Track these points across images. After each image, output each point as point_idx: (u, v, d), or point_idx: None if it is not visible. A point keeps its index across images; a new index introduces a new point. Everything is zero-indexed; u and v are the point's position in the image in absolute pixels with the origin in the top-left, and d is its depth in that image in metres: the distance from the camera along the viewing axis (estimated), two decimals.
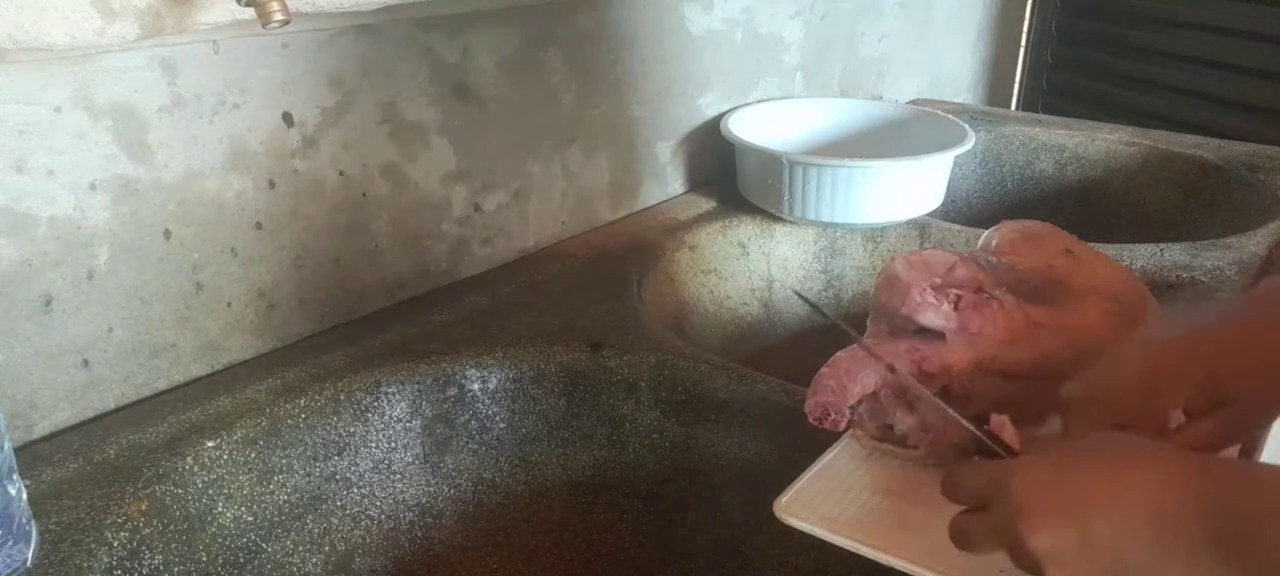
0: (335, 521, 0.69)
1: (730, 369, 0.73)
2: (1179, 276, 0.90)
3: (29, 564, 0.50)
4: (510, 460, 0.76)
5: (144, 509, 0.58)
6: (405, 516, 0.73)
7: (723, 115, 1.13)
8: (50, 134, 0.60)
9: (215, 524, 0.62)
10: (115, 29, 0.56)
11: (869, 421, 0.58)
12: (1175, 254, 0.93)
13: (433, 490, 0.74)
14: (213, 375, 0.72)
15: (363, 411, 0.71)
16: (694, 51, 1.08)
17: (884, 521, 0.53)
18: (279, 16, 0.55)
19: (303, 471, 0.67)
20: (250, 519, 0.64)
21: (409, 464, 0.73)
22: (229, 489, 0.63)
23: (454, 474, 0.75)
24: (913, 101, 1.57)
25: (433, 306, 0.83)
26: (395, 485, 0.72)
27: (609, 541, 0.77)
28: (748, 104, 1.18)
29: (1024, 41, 1.85)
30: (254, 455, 0.65)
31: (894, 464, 0.57)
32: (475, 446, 0.75)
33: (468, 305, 0.84)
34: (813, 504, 0.54)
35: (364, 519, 0.71)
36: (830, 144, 1.20)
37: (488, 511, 0.76)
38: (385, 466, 0.72)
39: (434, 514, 0.74)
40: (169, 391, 0.70)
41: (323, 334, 0.78)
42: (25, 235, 0.60)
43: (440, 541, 0.75)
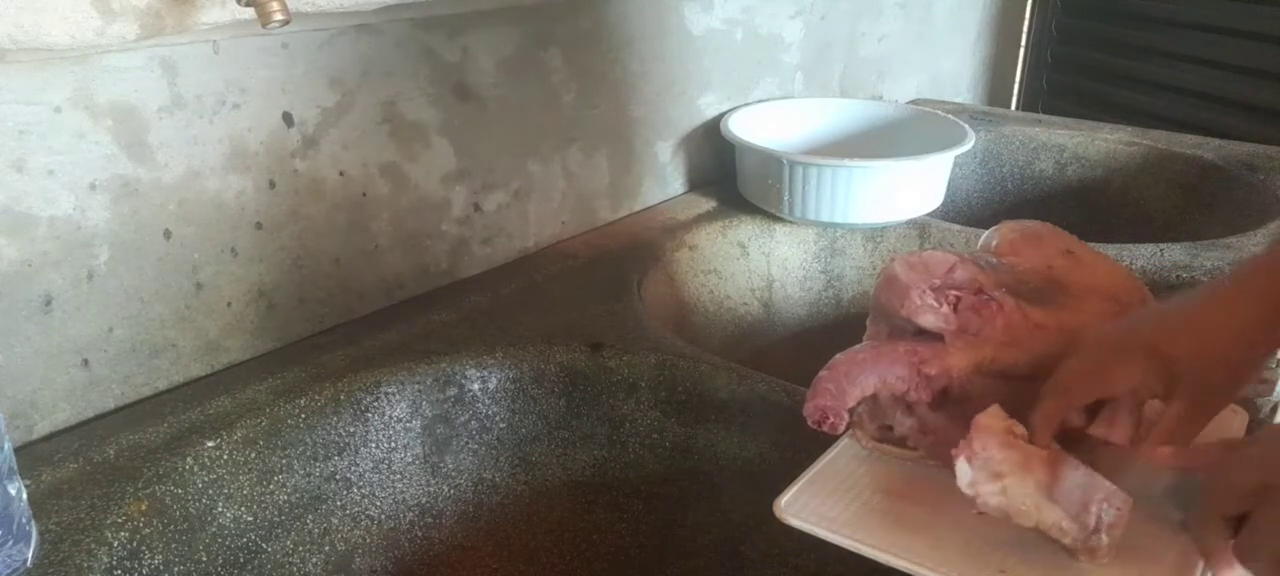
0: (335, 521, 0.69)
1: (730, 369, 0.73)
2: (1179, 276, 0.90)
3: (29, 564, 0.50)
4: (510, 460, 0.76)
5: (144, 509, 0.58)
6: (405, 516, 0.73)
7: (723, 115, 1.13)
8: (50, 134, 0.60)
9: (215, 524, 0.62)
10: (115, 29, 0.56)
11: (868, 422, 0.58)
12: (1175, 254, 0.93)
13: (433, 490, 0.74)
14: (213, 375, 0.72)
15: (363, 411, 0.71)
16: (694, 51, 1.08)
17: (884, 521, 0.53)
18: (279, 16, 0.55)
19: (303, 471, 0.67)
20: (250, 519, 0.64)
21: (409, 464, 0.73)
22: (229, 489, 0.63)
23: (454, 474, 0.75)
24: (913, 101, 1.57)
25: (433, 306, 0.83)
26: (395, 485, 0.72)
27: (609, 541, 0.77)
28: (748, 104, 1.18)
29: (1024, 41, 1.84)
30: (254, 455, 0.65)
31: (894, 464, 0.58)
32: (475, 446, 0.75)
33: (468, 305, 0.84)
34: (813, 504, 0.54)
35: (364, 519, 0.71)
36: (830, 144, 1.20)
37: (488, 511, 0.76)
38: (385, 466, 0.72)
39: (434, 514, 0.74)
40: (169, 391, 0.70)
41: (323, 334, 0.78)
42: (25, 235, 0.60)
43: (440, 541, 0.75)
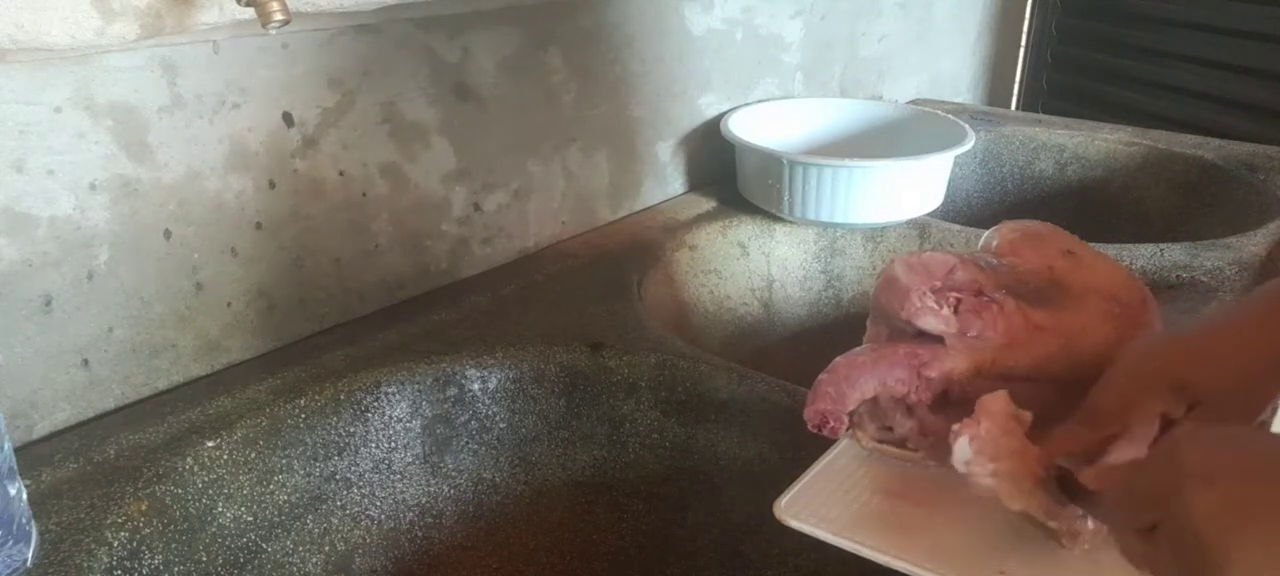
0: (335, 521, 0.69)
1: (730, 369, 0.73)
2: (1179, 276, 0.90)
3: (29, 564, 0.50)
4: (510, 460, 0.76)
5: (144, 509, 0.58)
6: (405, 516, 0.73)
7: (723, 115, 1.13)
8: (50, 134, 0.60)
9: (215, 524, 0.62)
10: (115, 29, 0.56)
11: (869, 423, 0.58)
12: (1175, 254, 0.93)
13: (433, 490, 0.74)
14: (213, 375, 0.72)
15: (363, 411, 0.71)
16: (694, 51, 1.08)
17: (884, 522, 0.53)
18: (279, 16, 0.55)
19: (303, 471, 0.67)
20: (250, 519, 0.64)
21: (409, 464, 0.73)
22: (229, 489, 0.63)
23: (454, 474, 0.75)
24: (913, 101, 1.57)
25: (433, 306, 0.83)
26: (395, 485, 0.72)
27: (609, 541, 0.77)
28: (748, 104, 1.18)
29: (1024, 41, 1.84)
30: (254, 455, 0.65)
31: (894, 465, 0.58)
32: (475, 446, 0.75)
33: (468, 305, 0.84)
34: (813, 505, 0.54)
35: (364, 519, 0.71)
36: (830, 144, 1.20)
37: (488, 511, 0.76)
38: (385, 466, 0.72)
39: (434, 514, 0.74)
40: (169, 391, 0.70)
41: (323, 334, 0.78)
42: (25, 235, 0.60)
43: (440, 541, 0.75)
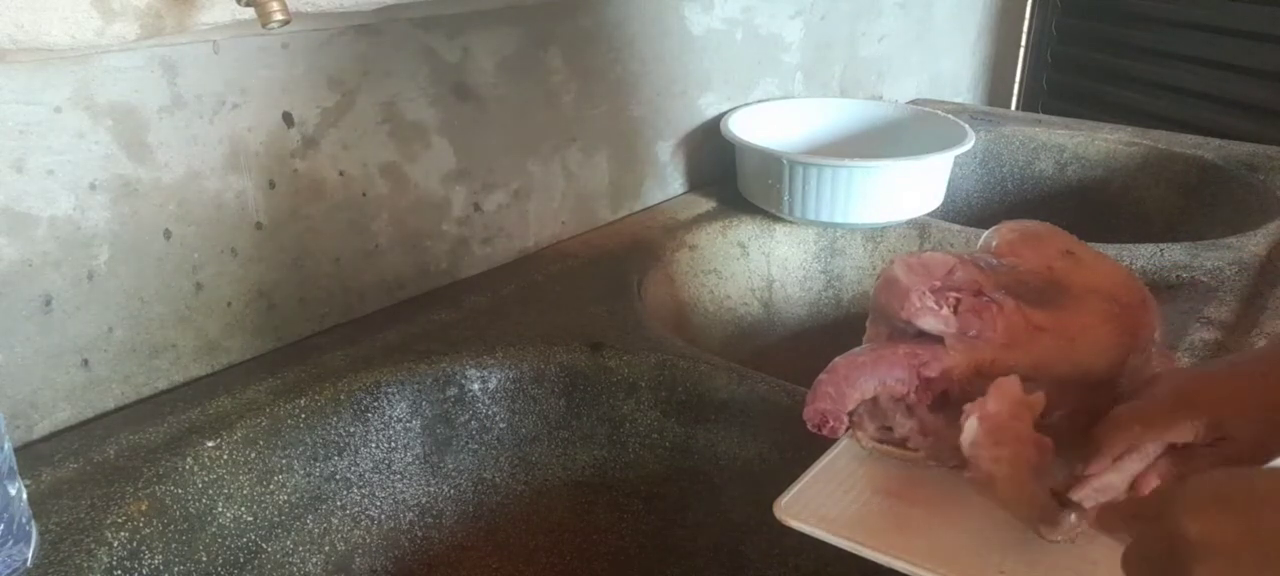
0: (335, 521, 0.69)
1: (730, 369, 0.73)
2: (1179, 276, 0.90)
3: (29, 564, 0.50)
4: (510, 460, 0.76)
5: (144, 509, 0.58)
6: (405, 516, 0.73)
7: (723, 115, 1.13)
8: (50, 134, 0.60)
9: (215, 524, 0.62)
10: (115, 29, 0.56)
11: (869, 422, 0.58)
12: (1175, 254, 0.93)
13: (433, 490, 0.74)
14: (213, 375, 0.72)
15: (363, 411, 0.71)
16: (694, 51, 1.08)
17: (884, 522, 0.53)
18: (279, 16, 0.55)
19: (303, 471, 0.67)
20: (250, 519, 0.64)
21: (409, 464, 0.73)
22: (229, 489, 0.63)
23: (454, 474, 0.75)
24: (913, 101, 1.57)
25: (433, 306, 0.83)
26: (395, 485, 0.72)
27: (609, 541, 0.77)
28: (748, 104, 1.18)
29: (1024, 41, 1.84)
30: (254, 455, 0.65)
31: (894, 465, 0.58)
32: (475, 446, 0.75)
33: (468, 305, 0.84)
34: (813, 505, 0.54)
35: (364, 519, 0.71)
36: (830, 144, 1.20)
37: (488, 511, 0.76)
38: (385, 466, 0.72)
39: (434, 514, 0.74)
40: (169, 391, 0.70)
41: (323, 334, 0.78)
42: (25, 235, 0.60)
43: (440, 541, 0.75)
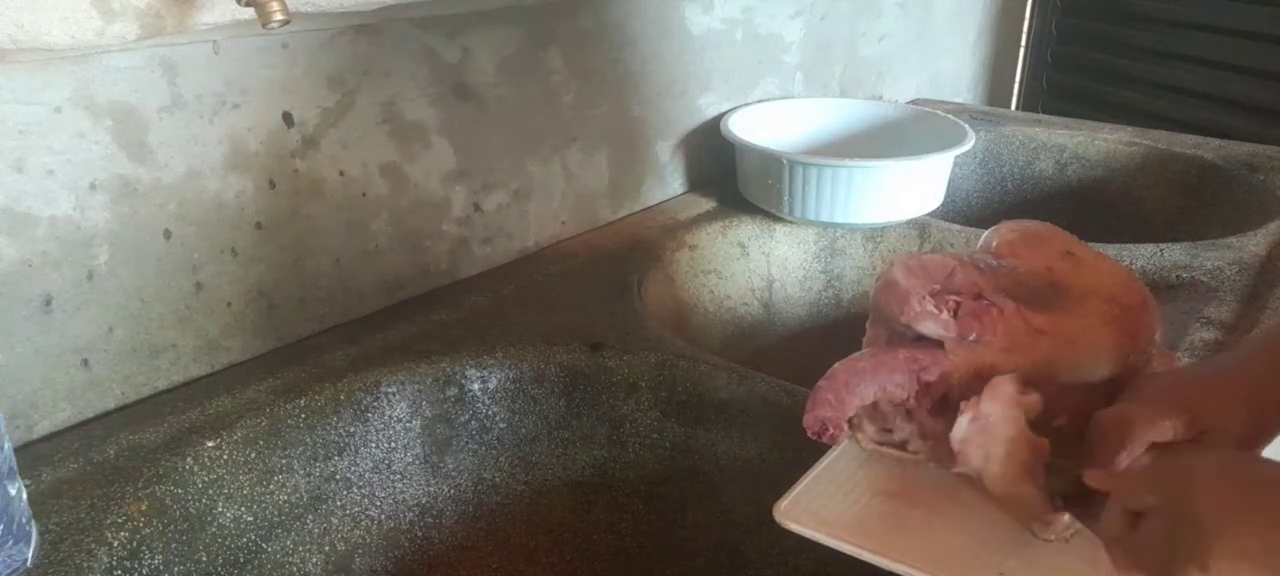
0: (335, 521, 0.69)
1: (730, 369, 0.73)
2: (1179, 276, 0.90)
3: (29, 564, 0.50)
4: (510, 460, 0.76)
5: (144, 509, 0.58)
6: (405, 516, 0.73)
7: (723, 115, 1.13)
8: (50, 134, 0.60)
9: (215, 524, 0.62)
10: (115, 29, 0.56)
11: (869, 424, 0.58)
12: (1175, 254, 0.93)
13: (433, 490, 0.74)
14: (213, 375, 0.72)
15: (363, 411, 0.71)
16: (694, 51, 1.08)
17: (883, 525, 0.53)
18: (279, 16, 0.55)
19: (303, 471, 0.67)
20: (250, 519, 0.64)
21: (409, 464, 0.73)
22: (229, 489, 0.63)
23: (454, 474, 0.75)
24: (913, 101, 1.57)
25: (433, 306, 0.83)
26: (395, 485, 0.72)
27: (609, 541, 0.77)
28: (748, 104, 1.18)
29: (1024, 41, 1.84)
30: (254, 455, 0.65)
31: (894, 467, 0.57)
32: (475, 446, 0.75)
33: (468, 305, 0.84)
34: (813, 508, 0.54)
35: (364, 519, 0.71)
36: (830, 144, 1.20)
37: (488, 511, 0.76)
38: (385, 466, 0.72)
39: (434, 514, 0.74)
40: (169, 391, 0.70)
41: (323, 334, 0.78)
42: (25, 235, 0.60)
43: (440, 541, 0.75)
